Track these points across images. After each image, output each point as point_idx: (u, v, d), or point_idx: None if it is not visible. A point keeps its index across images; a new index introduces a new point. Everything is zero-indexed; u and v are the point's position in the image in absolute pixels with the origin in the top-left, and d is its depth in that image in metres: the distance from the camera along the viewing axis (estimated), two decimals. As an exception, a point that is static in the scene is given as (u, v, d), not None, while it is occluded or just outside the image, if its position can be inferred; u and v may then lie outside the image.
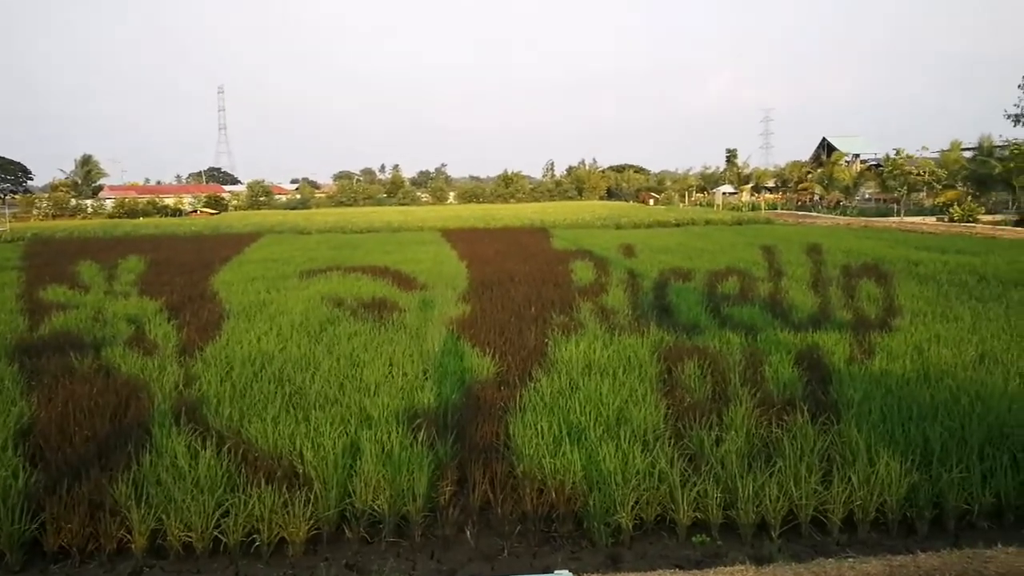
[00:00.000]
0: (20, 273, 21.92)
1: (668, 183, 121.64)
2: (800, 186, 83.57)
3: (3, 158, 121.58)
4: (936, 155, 62.09)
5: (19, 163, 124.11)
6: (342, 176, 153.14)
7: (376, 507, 6.00)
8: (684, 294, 14.47)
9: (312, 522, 5.78)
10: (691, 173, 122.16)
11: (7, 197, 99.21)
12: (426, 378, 9.04)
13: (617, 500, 5.85)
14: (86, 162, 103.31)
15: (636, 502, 5.91)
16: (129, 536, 5.74)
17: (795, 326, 11.38)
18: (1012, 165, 48.83)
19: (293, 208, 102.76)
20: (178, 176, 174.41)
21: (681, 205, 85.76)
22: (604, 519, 5.82)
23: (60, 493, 5.88)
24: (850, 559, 5.25)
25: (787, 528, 5.94)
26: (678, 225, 45.81)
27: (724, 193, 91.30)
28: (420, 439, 6.75)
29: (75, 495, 5.84)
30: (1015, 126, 52.57)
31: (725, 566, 5.17)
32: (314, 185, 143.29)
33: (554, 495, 6.03)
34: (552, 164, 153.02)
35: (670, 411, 7.52)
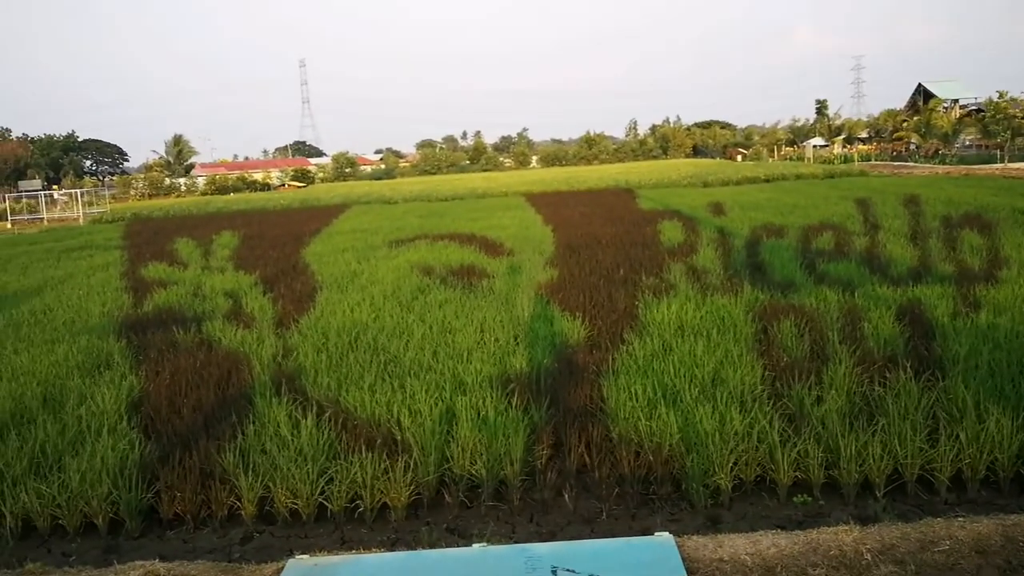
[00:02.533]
0: (122, 252, 22.79)
1: (756, 138, 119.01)
2: (895, 135, 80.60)
3: (100, 141, 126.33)
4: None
5: (115, 146, 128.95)
6: (425, 144, 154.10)
7: (474, 472, 6.06)
8: (777, 251, 14.16)
9: (412, 487, 5.88)
10: (780, 127, 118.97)
11: (106, 179, 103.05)
12: (517, 343, 9.07)
13: (716, 461, 5.78)
14: (177, 142, 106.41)
15: (735, 463, 5.83)
16: (239, 503, 5.93)
17: (894, 281, 11.03)
18: None
19: (378, 178, 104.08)
20: (265, 151, 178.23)
21: (770, 160, 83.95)
22: (703, 480, 5.76)
23: (172, 463, 6.10)
24: (960, 518, 5.08)
25: (892, 487, 5.79)
26: (768, 180, 44.79)
27: (815, 146, 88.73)
28: (514, 404, 6.79)
29: (186, 464, 6.05)
30: None
31: (828, 526, 5.06)
32: (398, 155, 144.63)
33: (651, 457, 5.99)
34: (635, 123, 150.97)
35: (767, 371, 7.39)
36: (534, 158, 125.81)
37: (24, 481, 6.05)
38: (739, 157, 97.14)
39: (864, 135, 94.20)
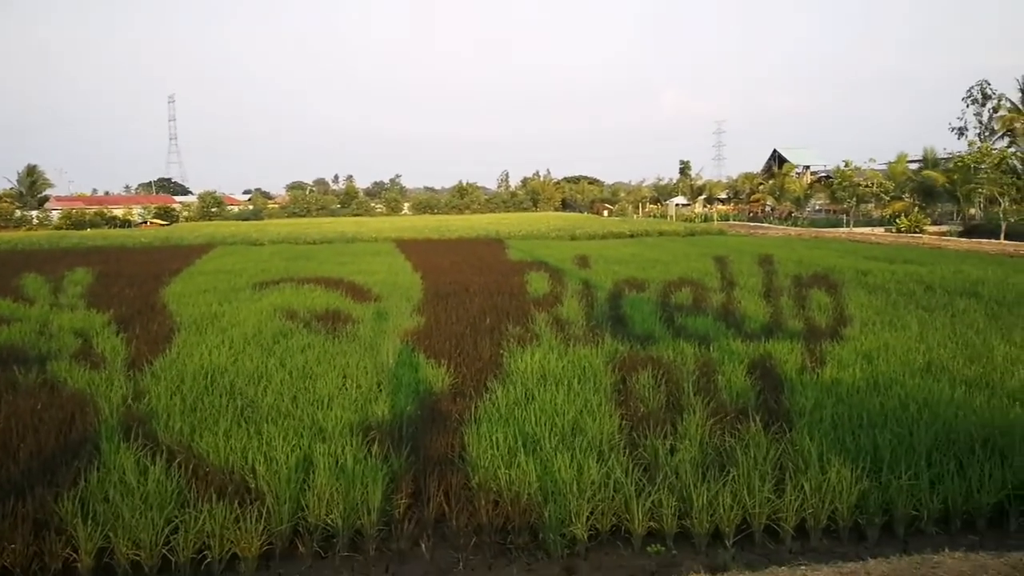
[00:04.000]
0: (-38, 286, 21.38)
1: (622, 194, 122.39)
2: (752, 197, 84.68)
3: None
4: (884, 167, 63.30)
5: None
6: (295, 186, 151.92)
7: (330, 521, 5.93)
8: (638, 304, 14.55)
9: (265, 537, 5.70)
10: (645, 184, 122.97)
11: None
12: (380, 390, 8.97)
13: (573, 511, 5.85)
14: (31, 172, 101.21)
15: (591, 512, 5.91)
16: (75, 555, 5.60)
17: (748, 335, 11.50)
18: (956, 176, 49.95)
19: (246, 219, 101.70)
20: (127, 186, 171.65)
21: (635, 216, 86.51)
22: (559, 530, 5.81)
23: (3, 511, 5.73)
24: (802, 567, 5.30)
25: (741, 536, 5.99)
26: (632, 236, 46.13)
27: (677, 204, 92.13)
28: (374, 452, 6.70)
29: (19, 513, 5.68)
30: (959, 139, 53.80)
31: (680, 575, 5.18)
32: (267, 196, 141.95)
33: (509, 507, 6.01)
34: (507, 175, 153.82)
35: (625, 421, 7.55)
36: (406, 205, 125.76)
37: None
38: (606, 212, 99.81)
39: (724, 195, 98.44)
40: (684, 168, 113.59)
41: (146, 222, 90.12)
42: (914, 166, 59.71)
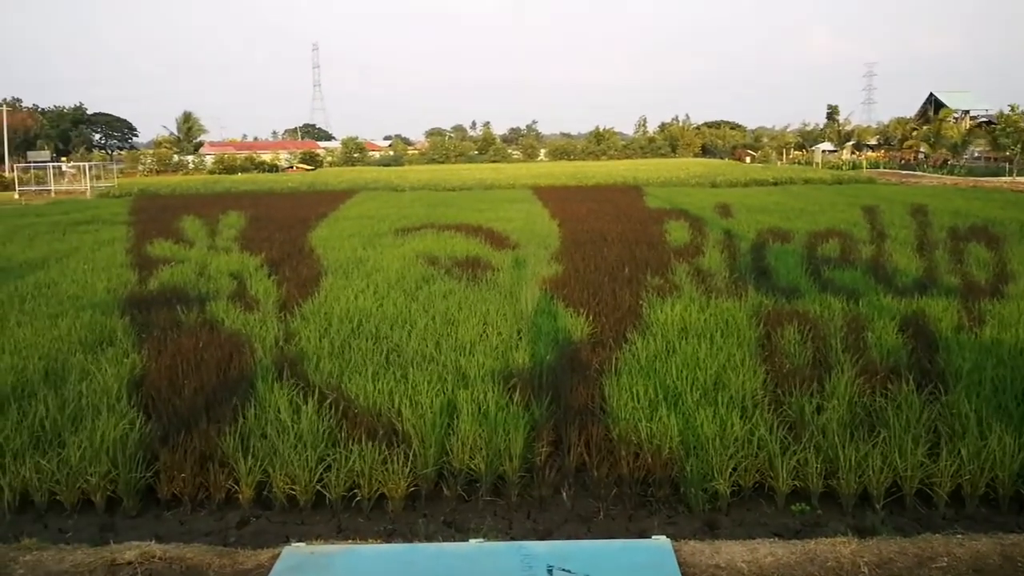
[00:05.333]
0: (128, 228, 22.78)
1: (765, 140, 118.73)
2: (905, 144, 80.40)
3: (110, 115, 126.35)
4: (1055, 112, 58.86)
5: (125, 120, 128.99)
6: (434, 133, 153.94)
7: (473, 466, 6.06)
8: (783, 256, 14.13)
9: (411, 479, 5.88)
10: (789, 130, 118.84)
11: (114, 153, 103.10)
12: (520, 338, 9.07)
13: (715, 466, 5.78)
14: (187, 119, 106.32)
15: (734, 469, 5.82)
16: (236, 487, 5.93)
17: (899, 291, 11.00)
18: None
19: (386, 165, 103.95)
20: (274, 132, 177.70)
21: (779, 163, 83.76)
22: (701, 485, 5.76)
23: (172, 443, 6.11)
24: (959, 535, 5.08)
25: (890, 500, 5.79)
26: (776, 184, 44.72)
27: (824, 151, 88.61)
28: (515, 399, 6.79)
29: (186, 446, 6.05)
30: None
31: (826, 536, 5.05)
32: (407, 142, 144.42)
33: (650, 459, 5.99)
34: (645, 120, 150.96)
35: (769, 377, 7.39)
36: (542, 151, 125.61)
37: (24, 455, 6.06)
38: (748, 159, 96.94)
39: (873, 142, 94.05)
40: (832, 113, 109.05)
41: (292, 167, 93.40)
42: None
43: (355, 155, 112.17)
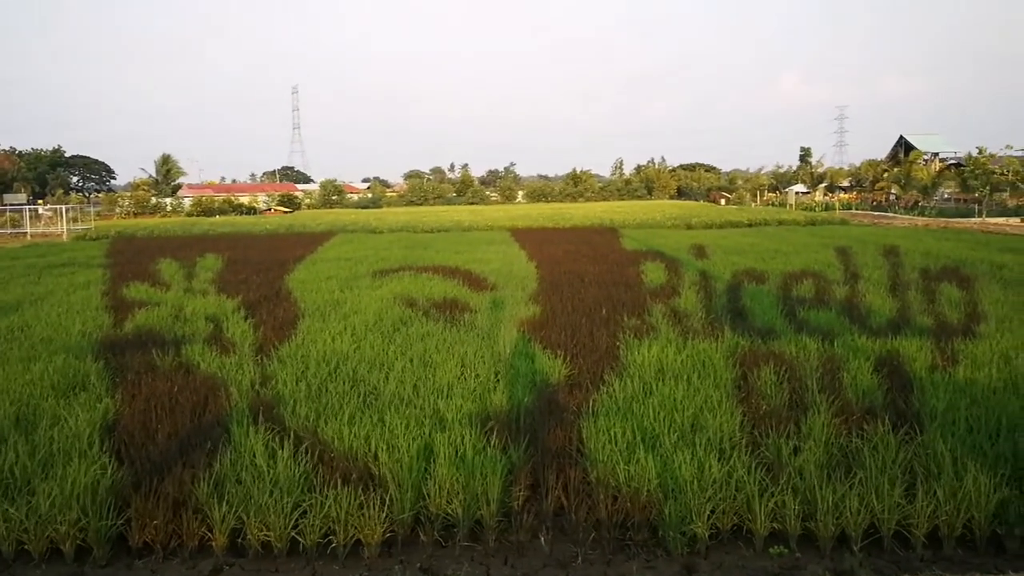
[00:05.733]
0: (105, 270, 22.62)
1: (740, 182, 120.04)
2: (876, 186, 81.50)
3: (88, 158, 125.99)
4: (1021, 154, 59.97)
5: (103, 163, 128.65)
6: (412, 175, 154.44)
7: (450, 511, 6.02)
8: (758, 297, 14.24)
9: (387, 524, 5.83)
10: (763, 172, 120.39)
11: (92, 196, 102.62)
12: (498, 380, 9.05)
13: (693, 509, 5.77)
14: (165, 161, 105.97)
15: (712, 511, 5.82)
16: (210, 534, 5.85)
17: (873, 331, 11.09)
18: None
19: (365, 207, 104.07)
20: (253, 175, 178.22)
21: (753, 205, 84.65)
22: (680, 528, 5.75)
23: (144, 490, 6.03)
24: (936, 576, 5.10)
25: (868, 541, 5.80)
26: (750, 225, 45.11)
27: (797, 192, 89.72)
28: (493, 443, 6.76)
29: (159, 492, 5.98)
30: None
31: (805, 579, 5.05)
32: (385, 184, 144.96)
33: (628, 502, 5.97)
34: (621, 162, 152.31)
35: (746, 418, 7.41)
36: (520, 193, 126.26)
37: (-8, 503, 5.95)
38: (723, 201, 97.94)
39: (846, 184, 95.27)
40: (804, 155, 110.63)
41: (270, 209, 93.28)
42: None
43: (333, 197, 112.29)
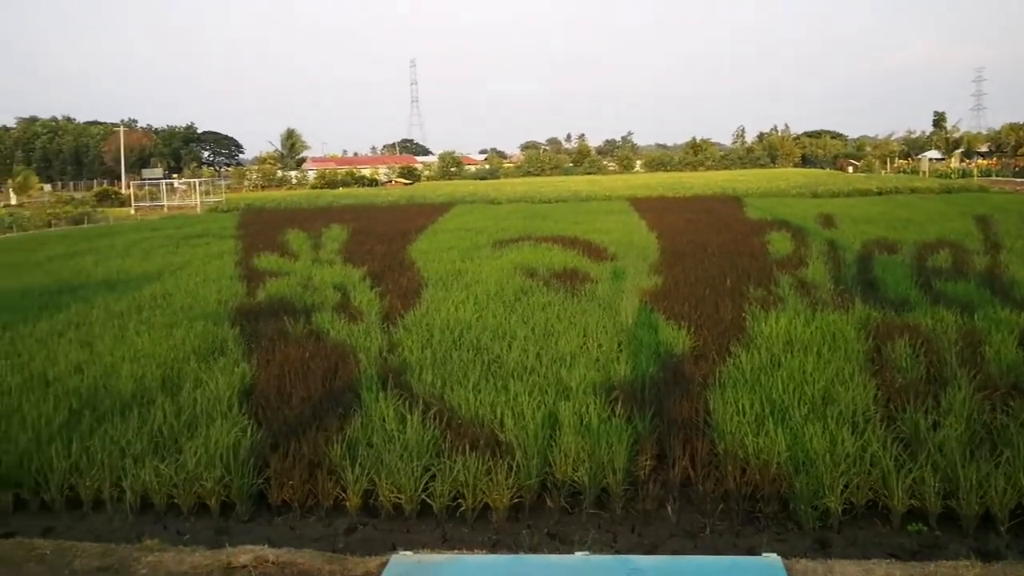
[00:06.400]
0: (237, 242, 23.55)
1: (868, 149, 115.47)
2: (1019, 151, 77.14)
3: (218, 133, 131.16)
4: None
5: (232, 138, 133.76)
6: (529, 146, 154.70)
7: (576, 479, 6.04)
8: (891, 268, 13.71)
9: (514, 490, 5.89)
10: (893, 138, 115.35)
11: (222, 170, 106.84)
12: (620, 350, 9.01)
13: (825, 483, 5.62)
14: (290, 135, 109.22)
15: (845, 486, 5.66)
16: (344, 494, 6.05)
17: (1018, 304, 10.54)
18: None
19: (482, 178, 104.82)
20: (373, 148, 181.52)
21: (883, 172, 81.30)
22: (811, 502, 5.61)
23: (282, 451, 6.27)
24: (1092, 561, 4.82)
25: (1016, 522, 5.53)
26: (880, 193, 43.37)
27: (931, 159, 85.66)
28: (618, 412, 6.75)
29: (295, 453, 6.21)
30: None
31: (947, 559, 4.86)
32: (502, 155, 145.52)
33: (758, 475, 5.87)
34: (743, 130, 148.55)
35: (880, 392, 7.17)
36: (638, 163, 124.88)
37: (144, 459, 6.31)
38: (850, 168, 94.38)
39: (984, 149, 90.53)
40: (938, 120, 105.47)
41: (391, 181, 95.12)
42: None
43: (452, 169, 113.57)
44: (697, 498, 5.96)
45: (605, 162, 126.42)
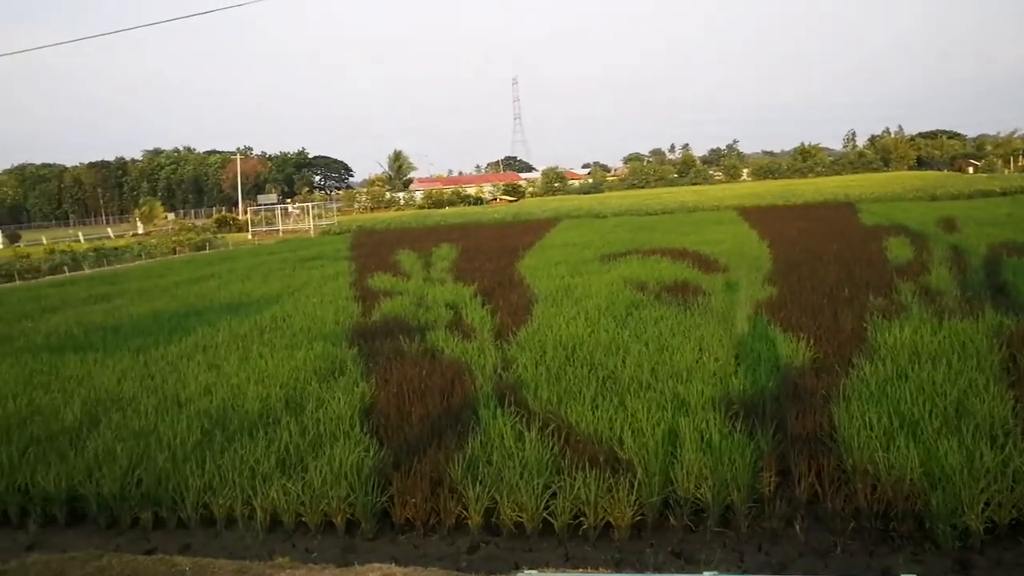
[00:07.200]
0: (350, 263, 24.14)
1: (989, 148, 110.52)
2: None
3: (328, 158, 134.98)
4: None
5: (341, 162, 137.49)
6: (632, 158, 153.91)
7: (699, 496, 5.94)
8: (1022, 272, 13.05)
9: (636, 507, 5.83)
10: (1017, 135, 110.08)
11: (333, 193, 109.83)
12: (738, 364, 8.84)
13: (964, 500, 5.37)
14: (397, 157, 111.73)
15: (987, 503, 5.40)
16: (465, 512, 6.09)
17: None
18: None
19: (586, 192, 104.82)
20: (477, 166, 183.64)
21: (1006, 171, 77.69)
22: (950, 520, 5.37)
23: (404, 469, 6.36)
24: None
25: None
26: (1004, 194, 41.47)
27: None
28: (739, 427, 6.61)
29: (417, 472, 6.29)
30: None
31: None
32: (605, 169, 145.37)
33: (890, 491, 5.65)
34: (853, 134, 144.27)
35: (1019, 404, 6.82)
36: (745, 171, 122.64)
37: (272, 478, 6.50)
38: (970, 169, 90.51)
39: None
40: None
41: (496, 199, 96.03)
42: None
43: (555, 184, 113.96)
44: (825, 516, 5.78)
45: (711, 171, 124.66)
